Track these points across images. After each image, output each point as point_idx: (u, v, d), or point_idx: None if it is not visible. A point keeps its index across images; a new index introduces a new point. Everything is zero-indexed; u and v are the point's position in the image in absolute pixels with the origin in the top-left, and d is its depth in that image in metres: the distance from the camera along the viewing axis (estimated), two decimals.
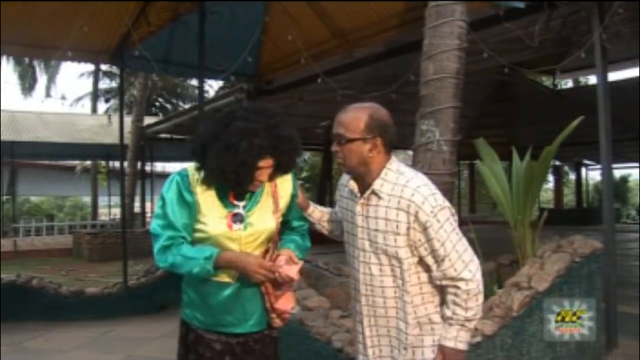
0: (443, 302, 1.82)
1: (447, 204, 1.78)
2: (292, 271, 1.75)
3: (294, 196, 1.96)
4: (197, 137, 1.79)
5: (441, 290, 1.82)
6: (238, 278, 1.80)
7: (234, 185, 1.76)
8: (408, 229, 1.74)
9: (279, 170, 1.80)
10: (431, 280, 1.80)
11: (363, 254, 1.86)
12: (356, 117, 1.78)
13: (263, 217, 1.83)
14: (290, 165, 1.83)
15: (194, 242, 1.79)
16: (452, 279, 1.75)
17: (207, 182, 1.78)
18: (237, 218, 1.79)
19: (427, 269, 1.80)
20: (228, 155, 1.66)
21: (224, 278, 1.80)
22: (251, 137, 1.67)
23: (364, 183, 1.83)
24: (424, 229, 1.73)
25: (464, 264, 1.75)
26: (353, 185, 1.87)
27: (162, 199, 1.79)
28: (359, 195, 1.84)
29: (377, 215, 1.79)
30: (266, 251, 1.85)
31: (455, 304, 1.76)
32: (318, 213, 2.14)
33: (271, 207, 1.86)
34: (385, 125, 1.80)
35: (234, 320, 1.83)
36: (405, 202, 1.74)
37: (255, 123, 1.69)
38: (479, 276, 1.77)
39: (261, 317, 1.87)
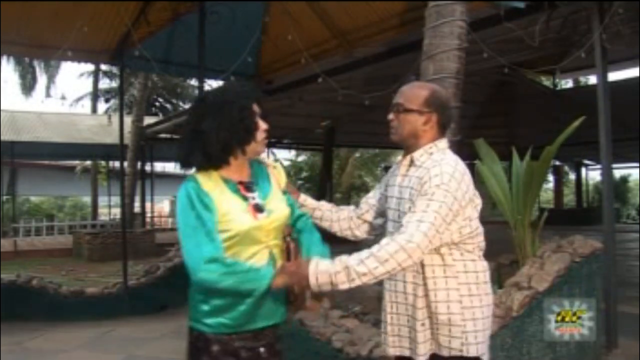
0: (471, 307, 1.75)
1: (459, 192, 1.70)
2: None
3: (286, 183, 2.01)
4: (198, 125, 1.80)
5: (470, 292, 1.76)
6: (268, 259, 1.76)
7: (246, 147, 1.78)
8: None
9: None
10: (459, 279, 1.75)
11: (392, 224, 1.86)
12: (418, 90, 1.88)
13: (278, 204, 1.86)
14: None
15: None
16: (402, 232, 1.64)
17: (215, 162, 1.76)
18: (258, 208, 1.79)
19: (455, 265, 1.75)
20: (245, 118, 1.75)
21: (258, 262, 1.73)
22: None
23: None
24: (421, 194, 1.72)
25: (423, 230, 1.62)
26: (400, 159, 1.93)
27: (199, 217, 1.67)
28: (402, 165, 1.88)
29: (409, 184, 1.81)
30: (287, 246, 1.82)
31: (373, 255, 1.60)
32: (311, 201, 2.15)
33: (279, 193, 1.90)
34: (443, 105, 1.87)
35: (268, 311, 1.77)
36: (425, 171, 1.76)
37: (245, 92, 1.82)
38: (417, 256, 1.62)
39: (285, 304, 1.83)
